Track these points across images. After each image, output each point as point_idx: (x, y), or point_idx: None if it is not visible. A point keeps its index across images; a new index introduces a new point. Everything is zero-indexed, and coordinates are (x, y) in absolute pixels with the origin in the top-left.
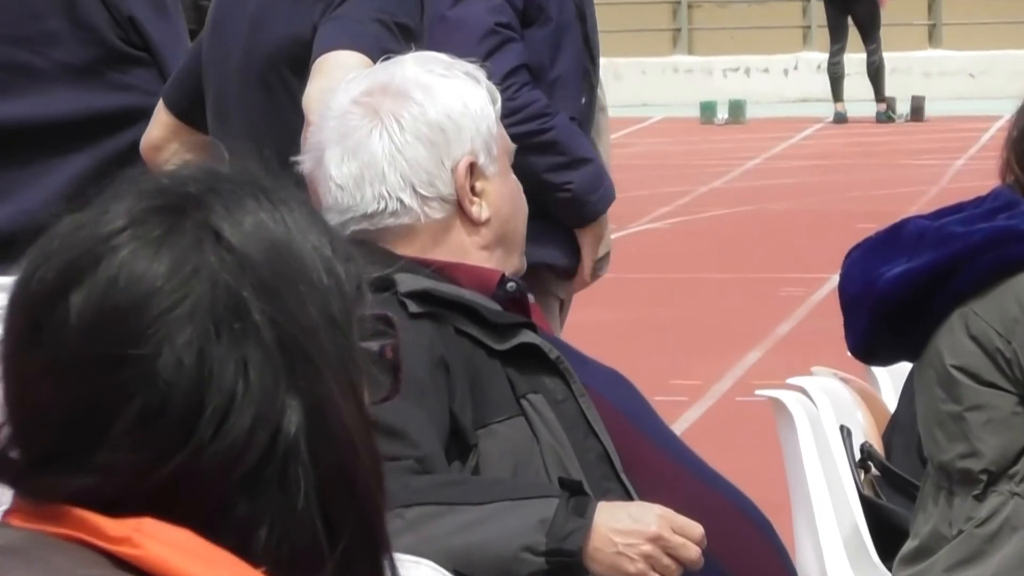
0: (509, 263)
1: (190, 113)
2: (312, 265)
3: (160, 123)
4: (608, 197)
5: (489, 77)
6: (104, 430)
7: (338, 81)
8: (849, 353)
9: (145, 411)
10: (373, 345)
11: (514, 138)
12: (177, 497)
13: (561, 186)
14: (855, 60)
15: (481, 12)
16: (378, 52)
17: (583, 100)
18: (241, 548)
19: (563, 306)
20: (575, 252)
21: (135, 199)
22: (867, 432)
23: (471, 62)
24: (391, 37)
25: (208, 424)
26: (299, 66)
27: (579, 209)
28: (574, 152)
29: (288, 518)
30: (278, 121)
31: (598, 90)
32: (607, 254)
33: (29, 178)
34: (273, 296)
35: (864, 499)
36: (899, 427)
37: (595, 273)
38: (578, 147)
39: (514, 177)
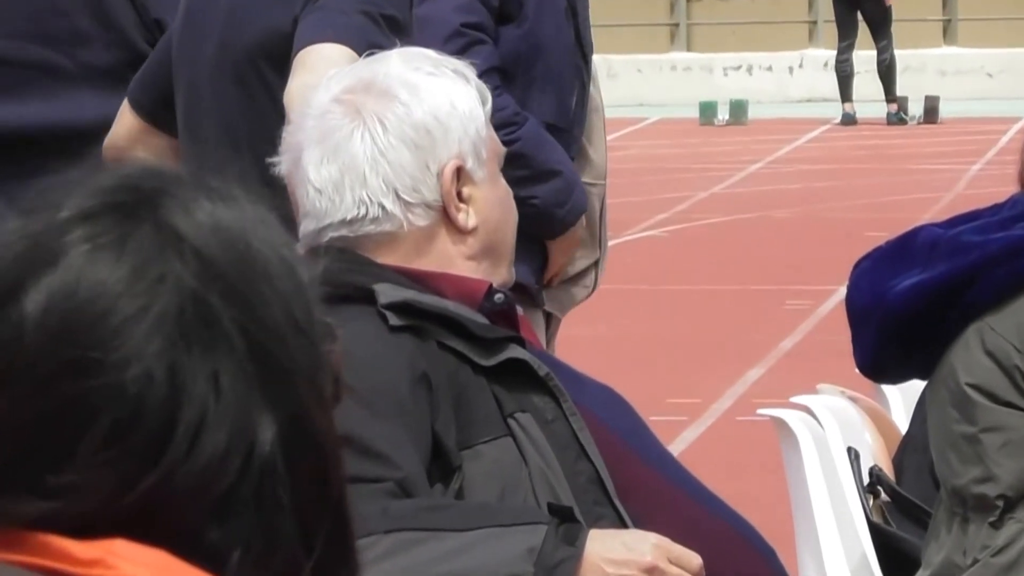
0: (497, 274)
1: (158, 114)
2: (273, 268)
3: (124, 125)
4: (577, 210)
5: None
6: (69, 449)
7: (322, 76)
8: (857, 370)
9: (114, 428)
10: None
11: None
12: (149, 520)
13: (526, 200)
14: (865, 58)
15: (447, 11)
16: (364, 45)
17: (573, 100)
18: (217, 569)
19: (551, 320)
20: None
21: (85, 198)
22: (876, 454)
23: (460, 59)
24: (377, 30)
25: (181, 441)
26: (278, 61)
27: (546, 223)
28: (541, 165)
29: (265, 537)
30: (255, 120)
31: (592, 90)
32: (593, 265)
33: None
34: (241, 302)
35: (873, 526)
36: (911, 447)
37: (585, 286)
38: (546, 159)
39: (504, 183)
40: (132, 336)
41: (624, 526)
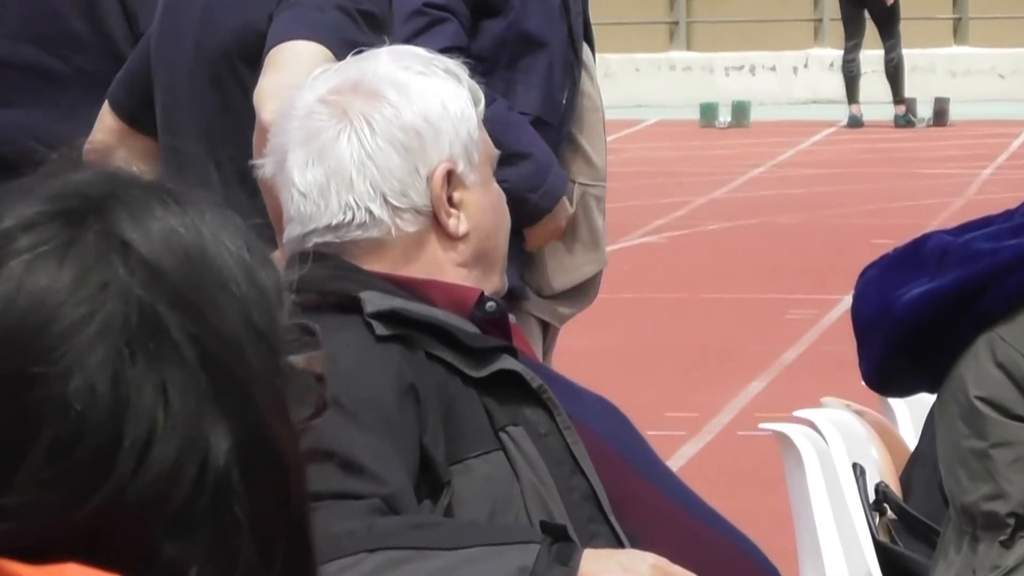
0: (489, 282)
1: (138, 116)
2: (230, 273)
3: (105, 127)
4: (553, 194)
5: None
6: (14, 467)
7: (294, 74)
8: (863, 382)
9: (57, 444)
10: (297, 357)
11: None
12: (101, 540)
13: None
14: (872, 57)
15: None
16: (339, 42)
17: (564, 96)
18: None
19: (548, 330)
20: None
21: (29, 205)
22: (882, 471)
23: (452, 58)
24: (354, 26)
25: (128, 457)
26: (254, 60)
27: (518, 208)
28: (508, 147)
29: (222, 554)
30: (231, 120)
31: (591, 88)
32: (599, 274)
33: None
34: (191, 310)
35: (879, 545)
36: (920, 463)
37: (585, 296)
38: (514, 141)
39: (497, 187)
40: (74, 345)
41: (620, 544)
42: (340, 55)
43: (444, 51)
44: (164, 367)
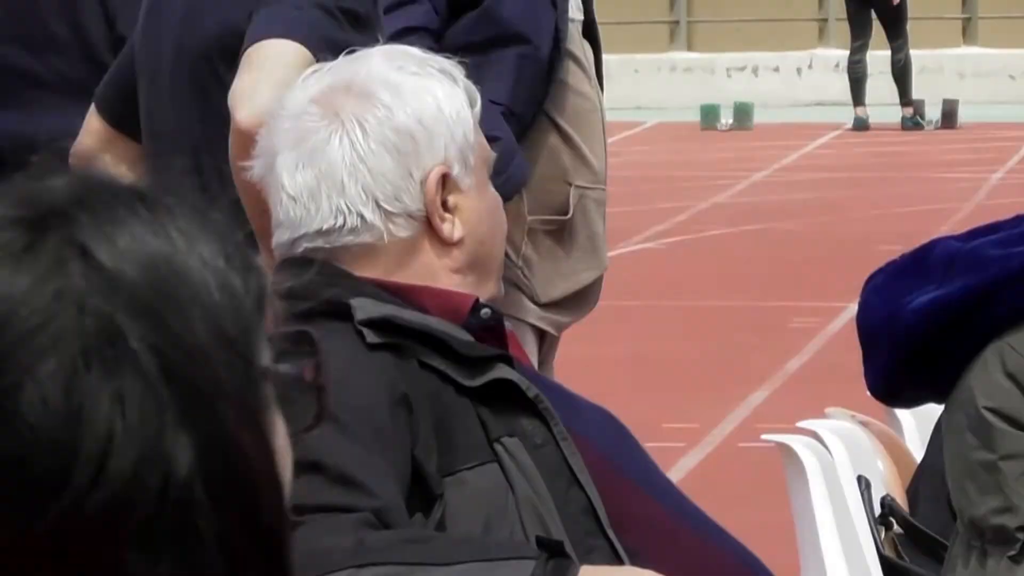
0: (484, 288)
1: (124, 120)
2: (200, 280)
3: (91, 131)
4: (515, 182)
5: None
6: None
7: (271, 74)
8: (868, 393)
9: (9, 458)
10: (289, 366)
11: None
12: (66, 557)
13: None
14: (879, 58)
15: None
16: (318, 41)
17: (538, 91)
18: None
19: (546, 338)
20: None
21: None
22: (888, 483)
23: (448, 58)
24: (334, 25)
25: (83, 471)
26: (235, 60)
27: None
28: None
29: (189, 570)
30: (214, 123)
31: (588, 88)
32: (598, 281)
33: None
34: (153, 319)
35: (884, 560)
36: (927, 474)
37: (585, 303)
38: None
39: (493, 191)
40: (25, 355)
41: (618, 559)
42: (319, 54)
43: (408, 31)
44: (121, 378)
